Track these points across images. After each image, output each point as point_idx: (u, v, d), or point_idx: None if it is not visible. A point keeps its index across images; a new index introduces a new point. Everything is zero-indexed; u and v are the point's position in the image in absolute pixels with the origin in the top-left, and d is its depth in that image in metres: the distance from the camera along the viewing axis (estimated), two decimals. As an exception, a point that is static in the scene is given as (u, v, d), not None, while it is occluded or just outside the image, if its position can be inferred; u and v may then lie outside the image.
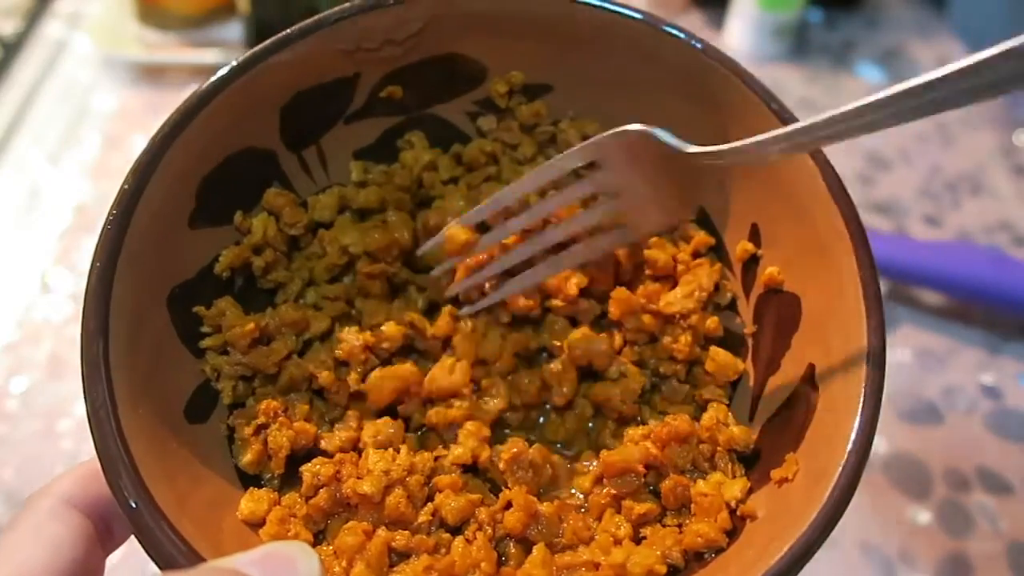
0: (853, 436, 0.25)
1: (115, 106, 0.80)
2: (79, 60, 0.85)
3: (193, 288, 0.31)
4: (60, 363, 0.60)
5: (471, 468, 0.32)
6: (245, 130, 0.32)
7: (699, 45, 0.32)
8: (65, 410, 0.57)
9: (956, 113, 0.80)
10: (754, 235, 0.33)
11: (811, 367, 0.29)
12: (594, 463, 0.32)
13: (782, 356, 0.31)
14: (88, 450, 0.61)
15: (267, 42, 0.30)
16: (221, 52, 0.81)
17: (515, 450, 0.30)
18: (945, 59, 0.86)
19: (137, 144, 0.76)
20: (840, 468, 0.25)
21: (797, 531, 0.24)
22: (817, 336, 0.29)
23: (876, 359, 0.26)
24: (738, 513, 0.29)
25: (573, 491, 0.32)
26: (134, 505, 0.24)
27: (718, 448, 0.31)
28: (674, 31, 0.32)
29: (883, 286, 0.49)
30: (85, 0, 0.91)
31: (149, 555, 0.24)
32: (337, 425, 0.32)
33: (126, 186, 0.28)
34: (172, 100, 0.28)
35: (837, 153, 0.28)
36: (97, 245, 0.27)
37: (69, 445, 0.56)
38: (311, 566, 0.22)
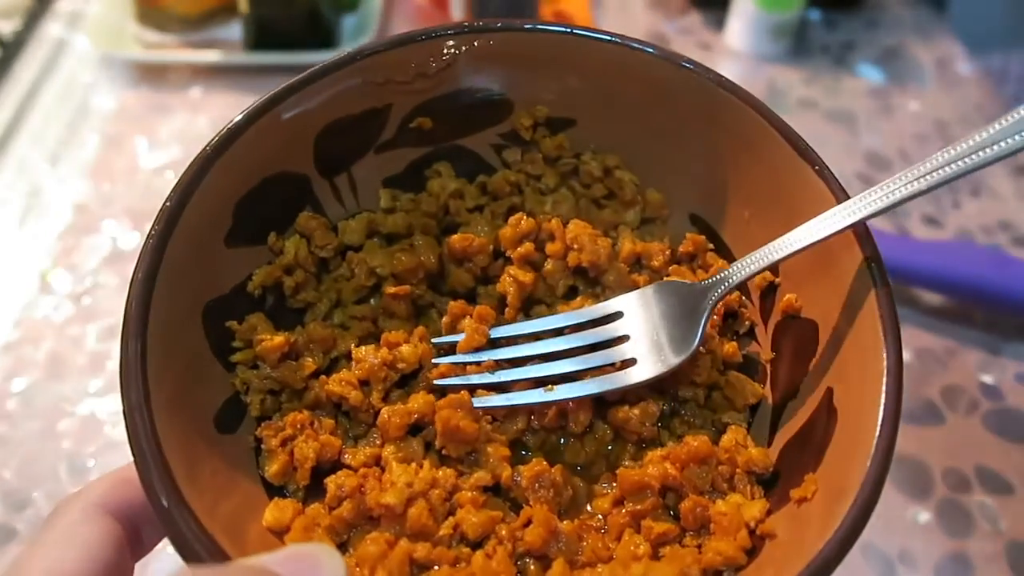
0: (871, 456, 0.26)
1: (115, 106, 0.80)
2: (79, 60, 0.85)
3: (226, 304, 0.32)
4: (60, 363, 0.60)
5: (491, 488, 0.32)
6: (281, 156, 0.33)
7: (714, 79, 0.33)
8: (65, 410, 0.57)
9: (956, 113, 0.80)
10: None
11: (829, 391, 0.29)
12: (613, 485, 0.32)
13: (800, 381, 0.31)
14: (88, 451, 0.60)
15: (303, 74, 0.32)
16: (221, 52, 0.80)
17: (537, 468, 0.31)
18: (945, 59, 0.86)
19: (137, 144, 0.76)
20: (859, 487, 0.25)
21: (816, 549, 0.24)
22: (835, 361, 0.30)
23: (893, 382, 0.27)
24: (757, 533, 0.29)
25: (590, 509, 0.32)
26: (165, 503, 0.25)
27: (737, 470, 0.31)
28: (691, 66, 0.33)
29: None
30: (85, 0, 0.90)
31: (179, 552, 0.25)
32: (361, 441, 0.33)
33: (168, 203, 0.29)
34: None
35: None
36: (139, 258, 0.28)
37: (69, 445, 0.56)
38: (336, 567, 0.22)
